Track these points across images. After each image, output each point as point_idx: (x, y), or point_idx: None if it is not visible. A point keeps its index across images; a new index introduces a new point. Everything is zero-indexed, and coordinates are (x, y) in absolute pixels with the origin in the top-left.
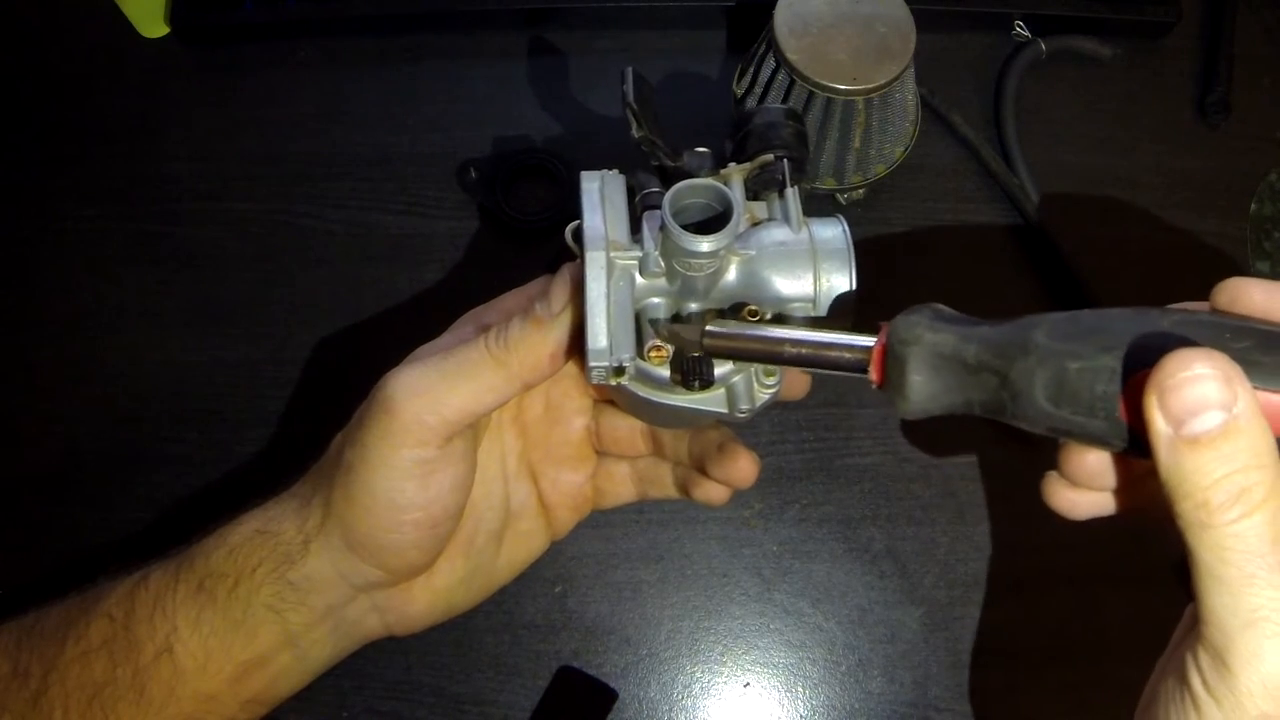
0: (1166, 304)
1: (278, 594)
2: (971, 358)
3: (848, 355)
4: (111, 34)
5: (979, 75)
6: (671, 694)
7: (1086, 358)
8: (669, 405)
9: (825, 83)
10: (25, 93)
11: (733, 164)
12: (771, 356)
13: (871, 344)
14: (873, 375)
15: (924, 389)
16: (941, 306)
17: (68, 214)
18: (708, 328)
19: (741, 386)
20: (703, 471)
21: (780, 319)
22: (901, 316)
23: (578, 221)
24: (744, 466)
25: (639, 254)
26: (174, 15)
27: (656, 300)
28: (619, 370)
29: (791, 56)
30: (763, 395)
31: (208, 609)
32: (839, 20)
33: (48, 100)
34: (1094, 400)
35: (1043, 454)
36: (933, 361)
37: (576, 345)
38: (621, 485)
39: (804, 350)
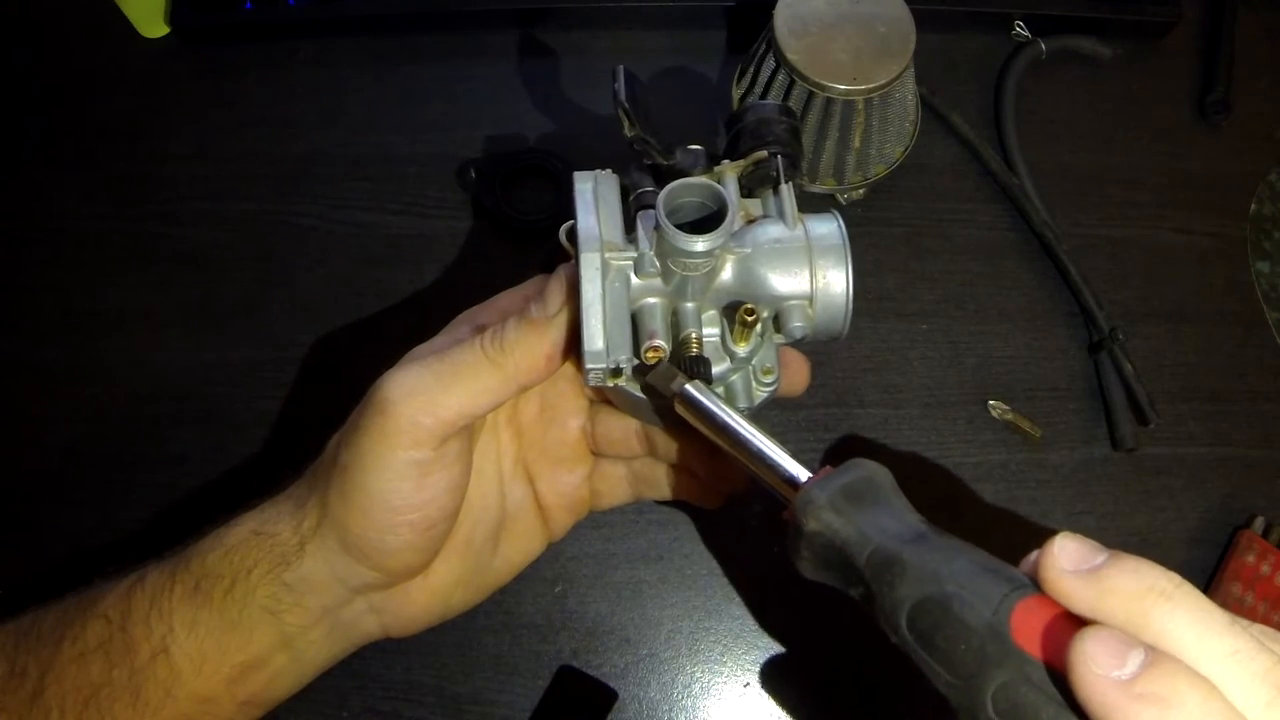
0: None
1: (274, 595)
2: (858, 562)
3: (776, 480)
4: (111, 34)
5: (979, 75)
6: (671, 694)
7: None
8: None
9: (825, 83)
10: (25, 92)
11: (726, 161)
12: (719, 440)
13: (802, 481)
14: (787, 513)
15: (811, 569)
16: (870, 477)
17: (68, 214)
18: (687, 387)
19: (740, 385)
20: (694, 473)
21: (754, 418)
22: (817, 486)
23: (572, 221)
24: (730, 471)
25: (634, 254)
26: (174, 15)
27: (652, 300)
28: (616, 371)
29: (791, 56)
30: (760, 394)
31: (204, 610)
32: (839, 20)
33: (48, 100)
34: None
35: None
36: (824, 555)
37: (573, 346)
38: (617, 486)
39: (745, 451)
